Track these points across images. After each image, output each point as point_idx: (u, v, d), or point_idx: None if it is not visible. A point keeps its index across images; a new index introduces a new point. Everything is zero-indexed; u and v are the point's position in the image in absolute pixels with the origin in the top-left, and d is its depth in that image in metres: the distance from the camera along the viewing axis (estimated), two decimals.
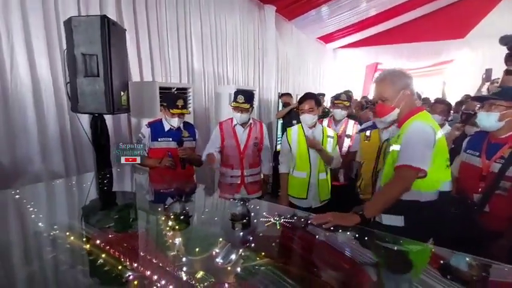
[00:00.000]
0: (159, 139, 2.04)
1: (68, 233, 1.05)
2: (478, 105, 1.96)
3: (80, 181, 1.92)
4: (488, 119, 1.56)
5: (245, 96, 2.19)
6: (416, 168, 1.26)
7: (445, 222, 1.43)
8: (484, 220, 1.55)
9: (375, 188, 2.11)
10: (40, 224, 1.14)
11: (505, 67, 2.47)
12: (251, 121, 2.34)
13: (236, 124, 2.30)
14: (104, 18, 1.75)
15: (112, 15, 2.54)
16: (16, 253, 0.99)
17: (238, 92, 2.24)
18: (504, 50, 2.45)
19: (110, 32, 1.79)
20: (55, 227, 1.12)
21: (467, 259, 0.98)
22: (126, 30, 2.16)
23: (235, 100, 2.21)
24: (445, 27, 7.15)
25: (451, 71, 8.08)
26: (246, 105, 2.19)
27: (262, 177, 2.53)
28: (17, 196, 1.41)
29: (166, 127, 2.08)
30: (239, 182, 2.35)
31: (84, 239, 1.03)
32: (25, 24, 2.06)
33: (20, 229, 1.21)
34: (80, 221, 1.27)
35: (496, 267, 0.95)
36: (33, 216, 1.19)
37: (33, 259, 0.96)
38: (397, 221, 1.37)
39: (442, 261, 1.03)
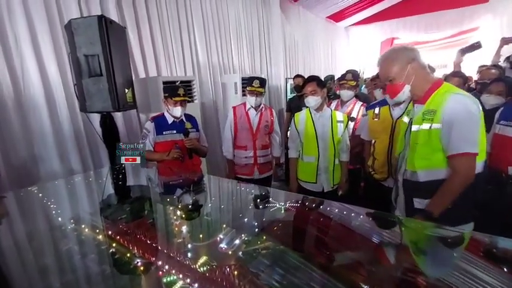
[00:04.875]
0: (163, 132, 2.09)
1: (83, 226, 1.14)
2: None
3: (94, 177, 2.02)
4: None
5: (260, 81, 2.41)
6: (475, 154, 1.19)
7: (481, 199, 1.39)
8: None
9: (391, 168, 2.07)
10: (59, 218, 1.23)
11: None
12: (262, 106, 2.52)
13: (249, 108, 2.48)
14: (101, 18, 1.78)
15: (113, 13, 2.60)
16: (39, 245, 1.07)
17: (253, 78, 2.45)
18: None
19: (109, 31, 1.82)
20: (71, 220, 1.21)
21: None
22: (125, 27, 2.20)
23: (250, 85, 2.40)
24: None
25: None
26: (261, 89, 2.41)
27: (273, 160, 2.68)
28: (37, 192, 1.52)
29: (170, 120, 2.12)
30: (252, 162, 2.51)
31: (98, 231, 1.10)
32: (31, 30, 2.15)
33: (39, 223, 1.30)
34: (95, 214, 1.35)
35: None
36: (52, 211, 1.29)
37: (54, 249, 1.04)
38: None
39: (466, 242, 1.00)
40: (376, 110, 2.18)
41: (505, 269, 0.80)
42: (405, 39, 8.20)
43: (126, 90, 2.04)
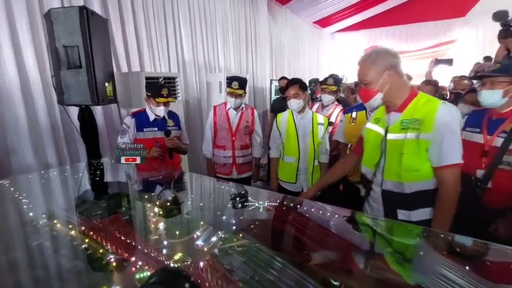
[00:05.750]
0: (144, 129, 2.06)
1: (55, 221, 1.10)
2: (478, 84, 1.95)
3: (70, 172, 1.96)
4: (493, 96, 1.56)
5: (239, 83, 2.36)
6: (461, 164, 1.22)
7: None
8: (486, 197, 1.57)
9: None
10: (30, 213, 1.18)
11: None
12: (243, 106, 2.51)
13: (230, 108, 2.47)
14: (82, 9, 1.74)
15: (97, 5, 2.53)
16: (8, 240, 1.03)
17: (233, 79, 2.41)
18: None
19: (90, 22, 1.78)
20: (44, 215, 1.17)
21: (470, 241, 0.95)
22: (108, 20, 2.14)
23: (229, 86, 2.38)
24: (445, 6, 6.96)
25: (454, 51, 7.90)
26: (240, 91, 2.38)
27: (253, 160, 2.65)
28: (8, 186, 1.46)
29: (151, 117, 2.09)
30: (231, 162, 2.50)
31: (71, 226, 1.07)
32: (9, 18, 2.07)
33: (9, 217, 1.25)
34: (69, 210, 1.31)
35: (497, 249, 0.92)
36: (24, 206, 1.23)
37: (24, 244, 1.00)
38: (426, 214, 1.30)
39: (441, 243, 1.02)
40: (353, 115, 2.24)
41: (468, 266, 0.84)
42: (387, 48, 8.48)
43: (107, 84, 1.99)
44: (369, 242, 1.07)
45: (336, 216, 1.22)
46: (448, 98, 3.43)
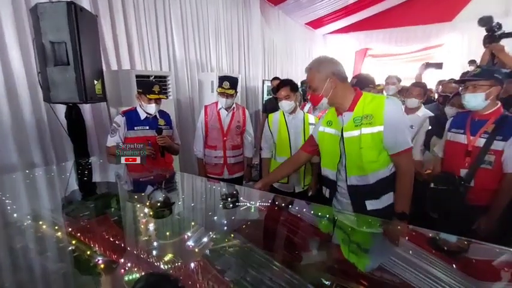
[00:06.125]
0: (135, 128, 2.02)
1: (41, 222, 1.08)
2: (461, 87, 2.02)
3: (56, 171, 1.91)
4: (475, 99, 1.64)
5: (230, 82, 2.34)
6: (412, 146, 1.38)
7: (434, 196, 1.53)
8: (469, 195, 1.63)
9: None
10: (14, 214, 1.15)
11: None
12: (234, 106, 2.50)
13: (221, 108, 2.45)
14: (70, 4, 1.70)
15: (86, 1, 2.47)
16: None
17: (224, 78, 2.38)
18: None
19: (78, 18, 1.74)
20: (28, 216, 1.14)
21: (449, 238, 0.98)
22: (97, 16, 2.10)
23: (220, 86, 2.36)
24: (432, 11, 7.13)
25: (441, 55, 8.09)
26: (231, 91, 2.36)
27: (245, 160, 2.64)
28: None
29: (142, 115, 2.05)
30: (222, 162, 2.49)
31: (57, 227, 1.04)
32: None
33: None
34: (56, 210, 1.27)
35: (481, 246, 0.94)
36: (8, 207, 1.20)
37: (7, 246, 0.97)
38: (390, 199, 1.43)
39: (425, 241, 1.04)
40: None
41: (452, 263, 0.86)
42: (377, 50, 8.65)
43: (95, 82, 1.95)
44: (359, 241, 1.08)
45: (327, 215, 1.23)
46: (435, 100, 3.53)
